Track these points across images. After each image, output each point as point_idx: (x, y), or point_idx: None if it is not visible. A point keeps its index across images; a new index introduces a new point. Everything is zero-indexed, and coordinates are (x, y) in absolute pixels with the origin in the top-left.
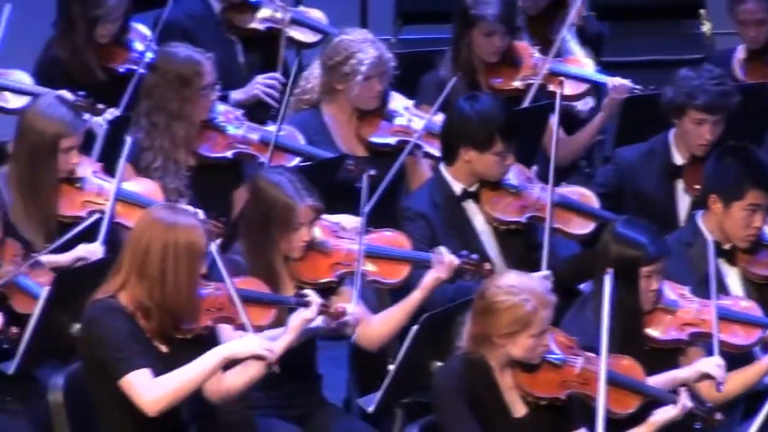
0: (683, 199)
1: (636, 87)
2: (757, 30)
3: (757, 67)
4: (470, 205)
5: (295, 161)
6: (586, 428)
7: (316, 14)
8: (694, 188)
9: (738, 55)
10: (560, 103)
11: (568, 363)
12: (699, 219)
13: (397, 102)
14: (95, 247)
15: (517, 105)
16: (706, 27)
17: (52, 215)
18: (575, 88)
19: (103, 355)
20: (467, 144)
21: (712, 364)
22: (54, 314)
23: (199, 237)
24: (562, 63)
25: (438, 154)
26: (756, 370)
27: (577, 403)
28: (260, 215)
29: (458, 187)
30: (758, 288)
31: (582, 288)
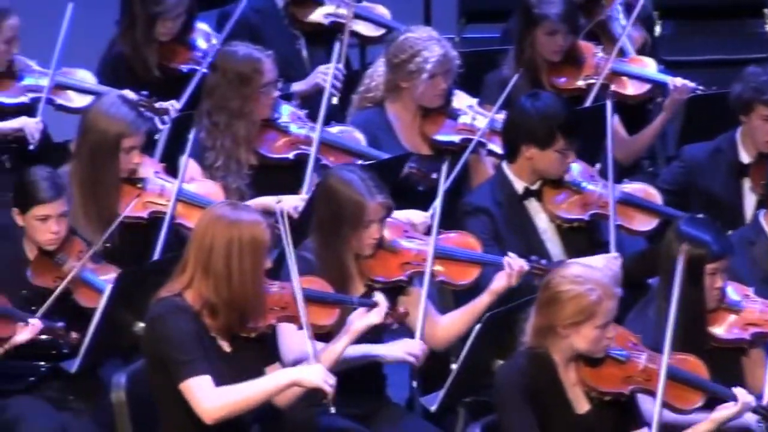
0: (750, 198)
1: (698, 87)
2: None
3: None
4: (532, 204)
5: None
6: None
7: (380, 9)
8: (760, 186)
9: None
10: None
11: (632, 359)
12: (762, 217)
13: (462, 100)
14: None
15: (580, 104)
16: None
17: (112, 215)
18: (638, 88)
19: (166, 356)
20: (528, 141)
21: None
22: (117, 312)
23: (262, 232)
24: (625, 63)
25: (500, 152)
26: None
27: (638, 404)
28: (331, 213)
29: (520, 186)
30: None
31: (651, 282)
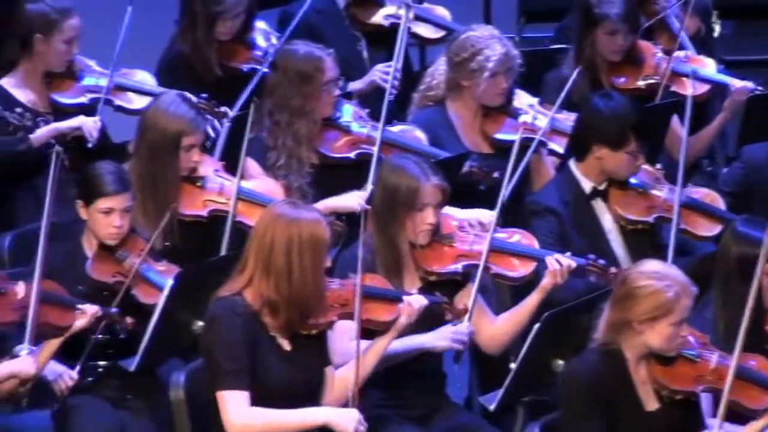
0: None
1: (757, 87)
2: None
3: None
4: (598, 204)
5: None
6: None
7: (440, 11)
8: None
9: None
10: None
11: (703, 357)
12: None
13: (522, 99)
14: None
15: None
16: None
17: (173, 214)
18: (698, 89)
19: (214, 358)
20: (600, 141)
21: None
22: (176, 311)
23: (321, 230)
24: (685, 63)
25: (561, 151)
26: None
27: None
28: (386, 198)
29: (588, 185)
30: None
31: None
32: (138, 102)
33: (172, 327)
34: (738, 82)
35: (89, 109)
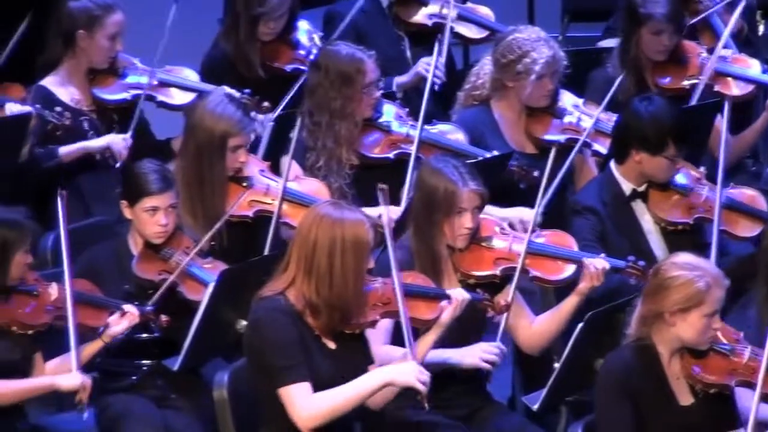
0: None
1: None
2: None
3: None
4: (638, 205)
5: None
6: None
7: (484, 11)
8: None
9: None
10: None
11: (736, 352)
12: None
13: (567, 100)
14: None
15: (682, 104)
16: None
17: (218, 214)
18: (741, 89)
19: (266, 358)
20: (639, 146)
21: None
22: (220, 310)
23: (364, 232)
24: (729, 63)
25: (605, 152)
26: None
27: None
28: (425, 201)
29: (627, 187)
30: None
31: None
32: (180, 98)
33: (215, 326)
34: None
35: (131, 105)
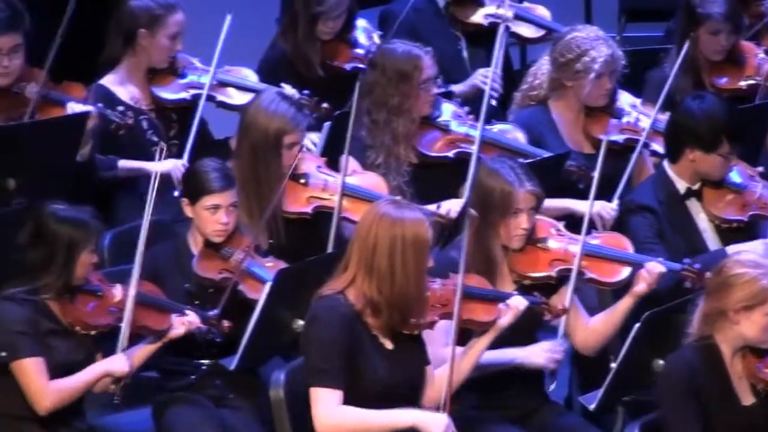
0: None
1: None
2: None
3: None
4: (693, 203)
5: None
6: None
7: (541, 11)
8: None
9: None
10: None
11: None
12: None
13: (625, 99)
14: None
15: (740, 104)
16: None
17: (276, 211)
18: None
19: (309, 355)
20: (693, 144)
21: None
22: (277, 310)
23: (425, 231)
24: None
25: (662, 152)
26: None
27: None
28: (481, 202)
29: (682, 186)
30: None
31: None
32: (239, 98)
33: (272, 326)
34: None
35: (190, 105)
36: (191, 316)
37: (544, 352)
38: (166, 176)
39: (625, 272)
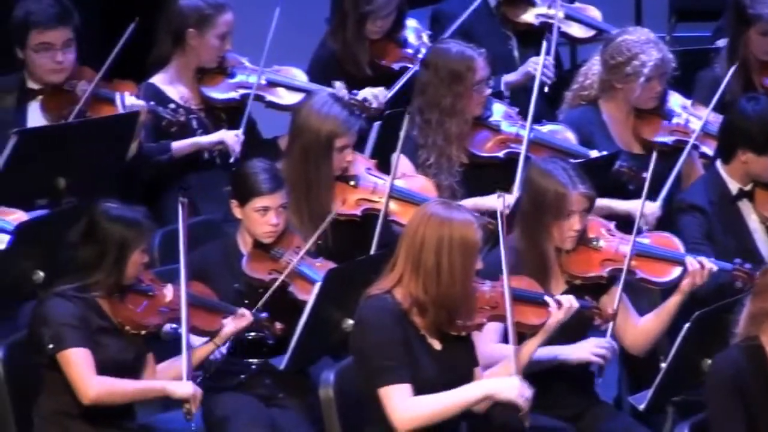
0: None
1: None
2: None
3: None
4: (745, 204)
5: None
6: None
7: (592, 11)
8: None
9: None
10: None
11: None
12: None
13: (675, 101)
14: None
15: None
16: None
17: (325, 213)
18: None
19: (369, 357)
20: (745, 146)
21: None
22: (326, 310)
23: (473, 232)
24: None
25: (711, 154)
26: None
27: None
28: (533, 203)
29: (734, 186)
30: None
31: None
32: (288, 98)
33: (321, 326)
34: None
35: (240, 105)
36: (245, 312)
37: (589, 347)
38: (221, 147)
39: (675, 272)
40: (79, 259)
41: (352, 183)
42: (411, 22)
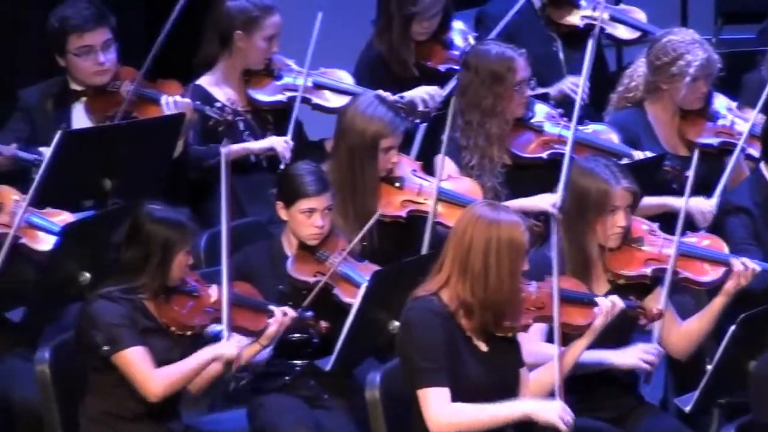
0: None
1: None
2: None
3: None
4: None
5: None
6: None
7: (637, 13)
8: None
9: None
10: None
11: None
12: None
13: (720, 102)
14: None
15: None
16: None
17: (370, 215)
18: None
19: (411, 358)
20: None
21: None
22: (372, 311)
23: (520, 234)
24: None
25: (758, 155)
26: None
27: None
28: (577, 202)
29: None
30: None
31: None
32: (335, 101)
33: (367, 327)
34: None
35: (286, 107)
36: (289, 311)
37: (637, 353)
38: (271, 154)
39: (720, 272)
40: (124, 260)
41: (397, 184)
42: (457, 24)
